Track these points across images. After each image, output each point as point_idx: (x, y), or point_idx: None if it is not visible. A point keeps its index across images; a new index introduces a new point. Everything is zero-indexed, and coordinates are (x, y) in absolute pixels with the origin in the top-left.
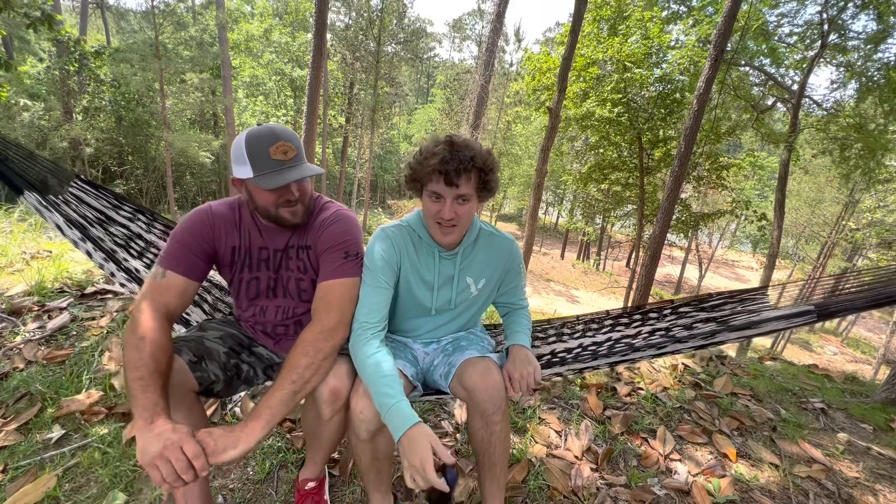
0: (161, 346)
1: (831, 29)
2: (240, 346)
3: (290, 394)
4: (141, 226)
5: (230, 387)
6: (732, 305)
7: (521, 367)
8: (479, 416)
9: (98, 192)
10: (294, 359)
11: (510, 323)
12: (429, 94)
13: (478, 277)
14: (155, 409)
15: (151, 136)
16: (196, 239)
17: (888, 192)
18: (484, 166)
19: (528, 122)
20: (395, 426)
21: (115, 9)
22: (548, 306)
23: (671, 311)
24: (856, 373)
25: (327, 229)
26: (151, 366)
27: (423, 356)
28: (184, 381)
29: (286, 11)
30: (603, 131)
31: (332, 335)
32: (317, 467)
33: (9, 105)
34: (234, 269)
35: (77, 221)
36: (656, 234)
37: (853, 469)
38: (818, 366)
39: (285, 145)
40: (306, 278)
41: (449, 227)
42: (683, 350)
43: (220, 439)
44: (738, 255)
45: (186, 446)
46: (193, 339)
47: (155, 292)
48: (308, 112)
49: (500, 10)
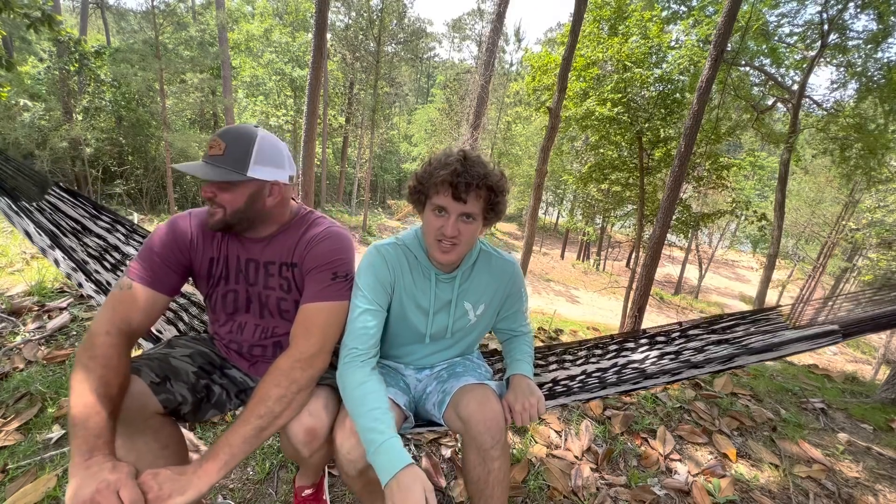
0: (113, 368)
1: (831, 29)
2: (211, 366)
3: (255, 430)
4: (119, 237)
5: (199, 411)
6: (745, 326)
7: (522, 397)
8: (476, 451)
9: (76, 201)
10: (264, 389)
11: (510, 350)
12: (429, 94)
13: (476, 303)
14: (95, 442)
15: (151, 136)
16: (171, 249)
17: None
18: (495, 187)
19: (528, 122)
20: (384, 468)
21: (115, 9)
22: (548, 306)
23: (680, 335)
24: (856, 373)
25: (315, 247)
26: (98, 391)
27: (415, 383)
28: (144, 405)
29: (286, 11)
30: (603, 131)
31: (309, 364)
32: (312, 477)
33: (9, 105)
34: (212, 281)
35: (48, 229)
36: (656, 234)
37: (853, 469)
38: (818, 366)
39: (214, 141)
40: (289, 298)
41: (449, 245)
42: (700, 375)
43: (167, 483)
44: (738, 255)
45: (124, 490)
46: (157, 358)
47: (117, 305)
48: (308, 112)
49: (500, 10)
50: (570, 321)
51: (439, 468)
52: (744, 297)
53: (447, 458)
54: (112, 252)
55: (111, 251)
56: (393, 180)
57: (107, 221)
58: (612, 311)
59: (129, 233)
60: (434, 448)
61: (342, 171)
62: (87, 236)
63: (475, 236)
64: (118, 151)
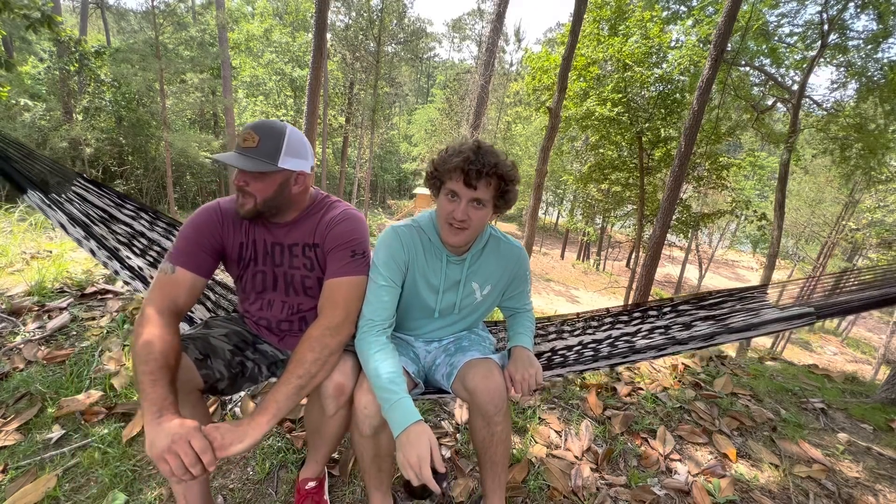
0: (169, 342)
1: (831, 29)
2: (244, 343)
3: (296, 388)
4: (143, 224)
5: (235, 384)
6: (732, 303)
7: (522, 368)
8: (481, 417)
9: (100, 191)
10: (300, 354)
11: (513, 324)
12: (429, 94)
13: (483, 283)
14: (164, 403)
15: (151, 136)
16: (205, 235)
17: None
18: (506, 175)
19: (528, 122)
20: (397, 422)
21: (115, 9)
22: (548, 306)
23: (671, 309)
24: (856, 373)
25: (335, 228)
26: (161, 361)
27: (424, 354)
28: (189, 379)
29: (286, 11)
30: (603, 131)
31: (337, 331)
32: (318, 466)
33: (9, 105)
34: (242, 263)
35: (80, 220)
36: (656, 234)
37: (853, 469)
38: (818, 366)
39: (247, 133)
40: (312, 276)
41: (459, 227)
42: (683, 351)
43: (228, 434)
44: (738, 255)
45: (194, 441)
46: (199, 337)
47: (164, 288)
48: (308, 112)
49: (500, 10)
50: None
51: (439, 457)
52: None
53: (447, 458)
54: (139, 238)
55: (138, 237)
56: (393, 180)
57: (131, 209)
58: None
59: (152, 219)
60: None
61: (342, 171)
62: (115, 224)
63: (484, 221)
64: (118, 151)
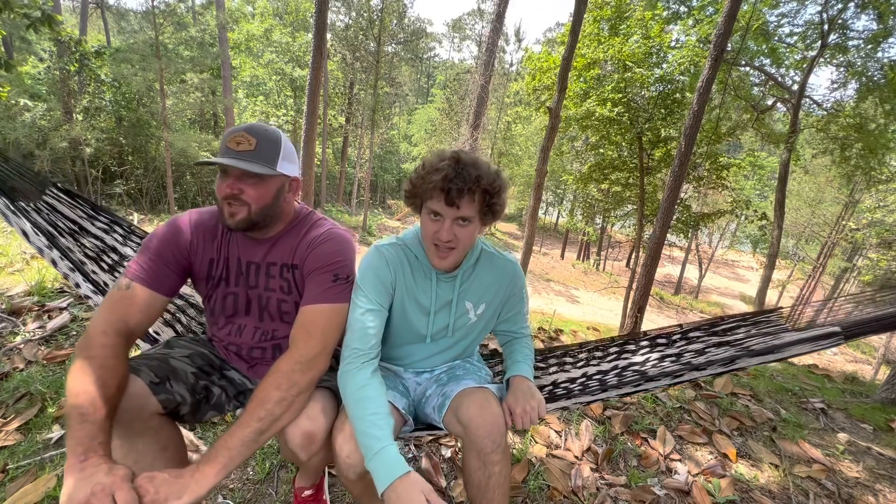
0: (110, 367)
1: (831, 29)
2: (210, 368)
3: (254, 433)
4: (116, 238)
5: (198, 412)
6: (746, 328)
7: (523, 400)
8: (476, 455)
9: (73, 202)
10: (264, 391)
11: (511, 352)
12: (429, 94)
13: (477, 302)
14: (91, 444)
15: (152, 136)
16: (170, 249)
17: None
18: (490, 188)
19: (528, 122)
20: (380, 476)
21: (115, 9)
22: (548, 306)
23: (681, 337)
24: (856, 373)
25: (316, 248)
26: (94, 392)
27: (414, 386)
28: (143, 405)
29: (286, 11)
30: (603, 131)
31: (310, 367)
32: (312, 478)
33: (9, 105)
34: (211, 283)
35: (45, 229)
36: (656, 234)
37: (853, 469)
38: (818, 366)
39: (241, 135)
40: (290, 300)
41: (446, 249)
42: (701, 378)
43: (163, 486)
44: (738, 255)
45: (119, 493)
46: (157, 358)
47: (115, 305)
48: (308, 112)
49: (500, 10)
50: (570, 321)
51: (439, 468)
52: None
53: (447, 458)
54: (109, 253)
55: (108, 252)
56: (393, 180)
57: (104, 222)
58: (612, 311)
59: (126, 234)
60: (434, 448)
61: (342, 171)
62: (85, 237)
63: (473, 238)
64: (118, 151)
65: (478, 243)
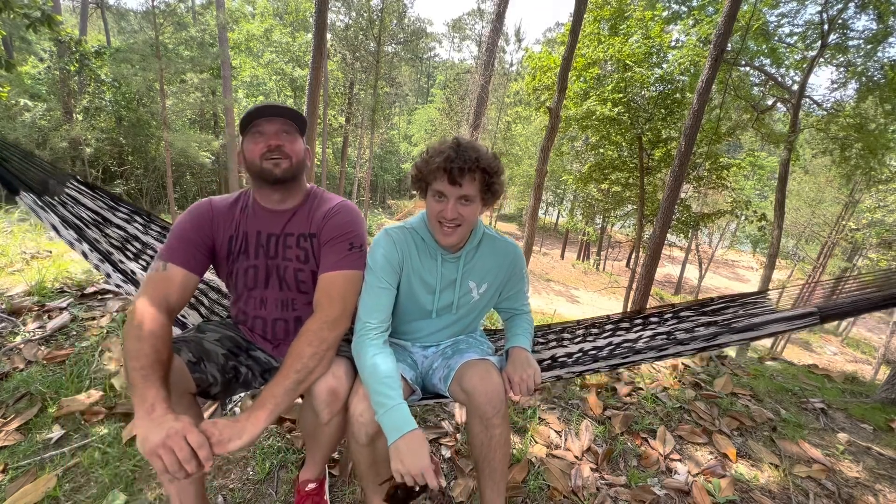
0: (161, 338)
1: (831, 29)
2: (238, 349)
3: (294, 383)
4: (137, 227)
5: (228, 389)
6: (735, 309)
7: (520, 369)
8: (479, 420)
9: (94, 194)
10: (298, 348)
11: (511, 326)
12: (429, 94)
13: (480, 281)
14: (156, 398)
15: (151, 136)
16: (196, 231)
17: (888, 192)
18: (488, 168)
19: (528, 122)
20: (392, 429)
21: (115, 9)
22: (548, 306)
23: (672, 316)
24: (856, 373)
25: (332, 219)
26: (152, 356)
27: (422, 360)
28: (182, 382)
29: (286, 11)
30: (603, 131)
31: (335, 325)
32: (317, 468)
33: (9, 105)
34: (231, 258)
35: (73, 223)
36: (656, 234)
37: (853, 469)
38: (818, 366)
39: (272, 106)
40: (306, 269)
41: (451, 227)
42: (685, 353)
43: (225, 429)
44: (738, 255)
45: (190, 435)
46: (193, 340)
47: (156, 284)
48: (308, 112)
49: (500, 10)
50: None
51: (439, 468)
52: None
53: (447, 458)
54: (133, 242)
55: (132, 241)
56: (393, 180)
57: (125, 212)
58: (612, 311)
59: (146, 222)
60: (434, 448)
61: (342, 171)
62: (109, 227)
63: (475, 216)
64: (118, 151)
65: (480, 226)
